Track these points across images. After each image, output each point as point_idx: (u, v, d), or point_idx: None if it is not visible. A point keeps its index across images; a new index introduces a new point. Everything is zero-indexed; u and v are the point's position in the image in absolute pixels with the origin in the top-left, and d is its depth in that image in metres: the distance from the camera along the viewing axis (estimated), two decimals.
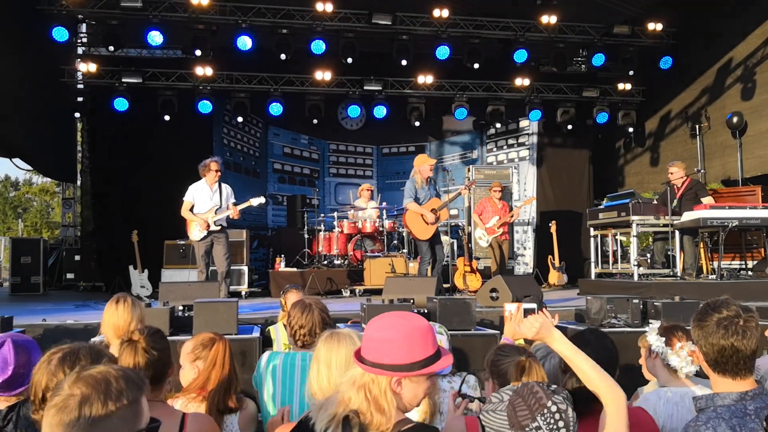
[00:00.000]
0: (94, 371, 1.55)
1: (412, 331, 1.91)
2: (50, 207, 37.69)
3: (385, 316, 1.98)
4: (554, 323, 3.73)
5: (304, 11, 11.80)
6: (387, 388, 1.87)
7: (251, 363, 5.11)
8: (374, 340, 1.92)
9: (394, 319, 1.95)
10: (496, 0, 12.97)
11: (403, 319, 1.94)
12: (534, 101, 13.48)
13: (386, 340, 1.89)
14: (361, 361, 1.92)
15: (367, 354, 1.92)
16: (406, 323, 1.92)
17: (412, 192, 8.69)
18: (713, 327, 2.14)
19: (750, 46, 11.50)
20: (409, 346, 1.89)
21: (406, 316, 1.96)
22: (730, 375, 2.14)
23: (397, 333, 1.90)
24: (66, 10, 11.06)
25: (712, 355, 2.15)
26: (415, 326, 1.92)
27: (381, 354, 1.88)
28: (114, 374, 1.56)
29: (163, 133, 12.56)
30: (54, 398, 1.51)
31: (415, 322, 1.94)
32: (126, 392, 1.53)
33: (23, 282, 12.22)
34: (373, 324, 1.97)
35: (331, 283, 10.86)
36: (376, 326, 1.95)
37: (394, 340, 1.89)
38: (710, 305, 2.22)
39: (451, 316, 5.80)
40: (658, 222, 9.06)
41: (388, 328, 1.92)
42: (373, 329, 1.94)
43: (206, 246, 8.31)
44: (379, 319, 1.98)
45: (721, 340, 2.12)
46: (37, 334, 6.01)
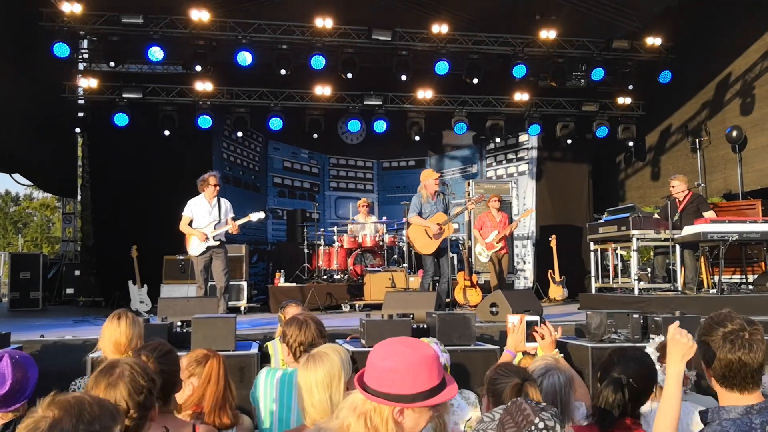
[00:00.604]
0: (70, 396, 1.55)
1: (418, 360, 1.87)
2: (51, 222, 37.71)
3: (390, 343, 1.93)
4: (557, 337, 3.73)
5: (304, 27, 11.86)
6: (389, 417, 1.84)
7: (249, 379, 5.08)
8: (378, 369, 1.87)
9: (400, 346, 1.90)
10: (495, 16, 13.02)
11: (409, 348, 1.89)
12: (533, 116, 13.51)
13: (391, 370, 1.85)
14: (364, 389, 1.88)
15: (370, 381, 1.88)
16: (412, 352, 1.88)
17: (417, 206, 8.68)
18: (719, 342, 2.13)
19: (748, 61, 11.54)
20: (414, 376, 1.85)
21: (412, 344, 1.91)
22: (737, 389, 2.12)
23: (402, 362, 1.86)
24: (67, 27, 11.12)
25: (720, 370, 2.13)
26: (420, 356, 1.88)
27: (384, 383, 1.84)
28: (89, 401, 1.55)
29: (163, 148, 12.58)
30: (26, 420, 1.50)
31: (421, 351, 1.89)
32: (99, 420, 1.52)
33: (22, 297, 12.18)
34: (378, 351, 1.92)
35: (330, 298, 10.83)
36: (381, 354, 1.90)
37: (399, 370, 1.84)
38: (714, 319, 2.21)
39: (451, 331, 5.77)
40: (659, 236, 9.03)
41: (393, 356, 1.87)
42: (378, 357, 1.90)
43: (205, 261, 8.28)
44: (384, 346, 1.93)
45: (728, 355, 2.10)
46: (34, 351, 5.98)
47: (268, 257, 14.24)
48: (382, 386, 1.84)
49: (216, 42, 11.75)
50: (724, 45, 11.95)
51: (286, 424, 3.09)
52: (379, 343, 1.96)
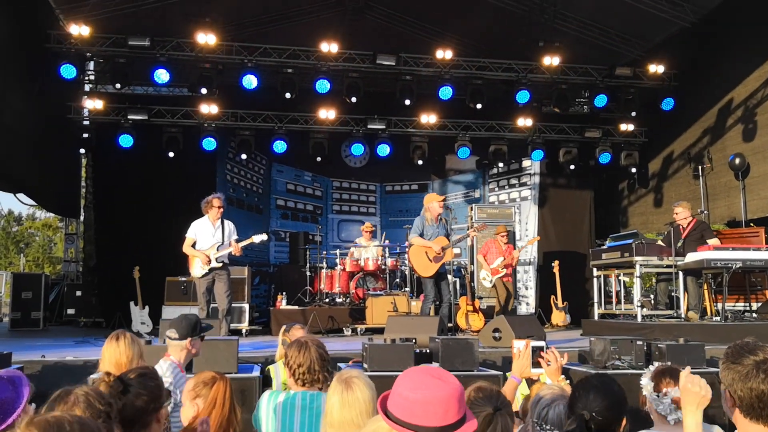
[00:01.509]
0: (49, 415, 1.51)
1: (449, 394, 1.85)
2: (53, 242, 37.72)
3: (419, 373, 1.90)
4: (563, 363, 3.70)
5: (309, 51, 11.96)
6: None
7: (251, 402, 5.05)
8: (408, 400, 1.84)
9: (430, 378, 1.88)
10: (499, 42, 13.13)
11: (439, 380, 1.87)
12: (536, 141, 13.55)
13: (422, 401, 1.82)
14: (390, 418, 1.86)
15: (397, 411, 1.85)
16: (443, 385, 1.86)
17: (419, 228, 8.69)
18: (753, 371, 2.05)
19: (749, 88, 11.60)
20: (445, 409, 1.83)
21: (441, 376, 1.90)
22: (762, 421, 2.05)
23: (434, 395, 1.83)
24: (74, 48, 11.24)
25: (748, 400, 2.05)
26: (451, 389, 1.87)
27: (415, 414, 1.82)
28: (69, 419, 1.51)
29: (167, 169, 12.62)
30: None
31: (451, 384, 1.88)
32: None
33: (23, 317, 12.14)
34: (406, 381, 1.89)
35: (332, 321, 10.79)
36: (411, 384, 1.87)
37: (431, 402, 1.82)
38: (743, 347, 2.13)
39: (454, 356, 5.75)
40: (662, 263, 9.02)
41: (423, 387, 1.85)
42: (408, 387, 1.87)
43: (207, 283, 8.26)
44: (413, 377, 1.90)
45: (761, 385, 2.02)
46: (35, 371, 5.96)
47: (270, 279, 14.21)
48: (412, 418, 1.82)
49: (222, 65, 11.85)
50: (726, 72, 12.02)
51: None
52: (407, 373, 1.93)
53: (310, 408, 3.13)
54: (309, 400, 3.15)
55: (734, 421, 2.16)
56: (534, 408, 2.77)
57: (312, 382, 3.22)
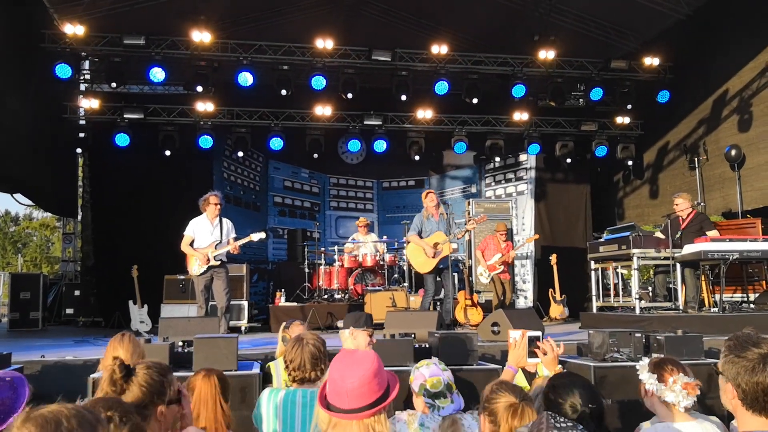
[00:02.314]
0: (46, 410, 1.49)
1: (375, 369, 2.09)
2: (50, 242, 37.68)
3: (340, 367, 2.11)
4: (560, 353, 3.72)
5: (304, 48, 11.95)
6: (384, 419, 2.08)
7: (251, 400, 5.06)
8: (349, 390, 2.05)
9: (351, 367, 2.10)
10: (495, 36, 13.13)
11: (359, 366, 2.09)
12: (533, 135, 13.57)
13: (360, 385, 2.05)
14: (332, 410, 2.07)
15: (349, 403, 2.04)
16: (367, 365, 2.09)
17: (417, 225, 8.77)
18: (759, 364, 2.04)
19: (744, 79, 11.62)
20: (379, 380, 2.09)
21: (357, 360, 2.11)
22: (765, 413, 2.05)
23: (364, 375, 2.06)
24: (69, 48, 11.22)
25: (753, 393, 2.04)
26: (372, 363, 2.10)
27: (363, 396, 2.04)
28: (66, 414, 1.49)
29: (164, 168, 12.62)
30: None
31: (369, 360, 2.11)
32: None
33: (22, 318, 12.13)
34: (337, 376, 2.09)
35: (331, 317, 10.80)
36: (341, 377, 2.08)
37: (365, 381, 2.06)
38: (746, 340, 2.12)
39: (453, 350, 5.75)
40: (659, 255, 9.03)
41: (352, 374, 2.06)
42: (341, 381, 2.07)
43: (206, 281, 8.27)
44: (339, 371, 2.10)
45: (767, 379, 2.02)
46: (35, 371, 5.96)
47: (269, 276, 14.22)
48: (362, 400, 2.03)
49: (217, 63, 11.84)
50: (721, 64, 12.03)
51: None
52: (331, 373, 2.14)
53: (311, 405, 3.13)
54: (309, 397, 3.16)
55: (734, 413, 2.16)
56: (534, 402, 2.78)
57: (302, 380, 3.23)
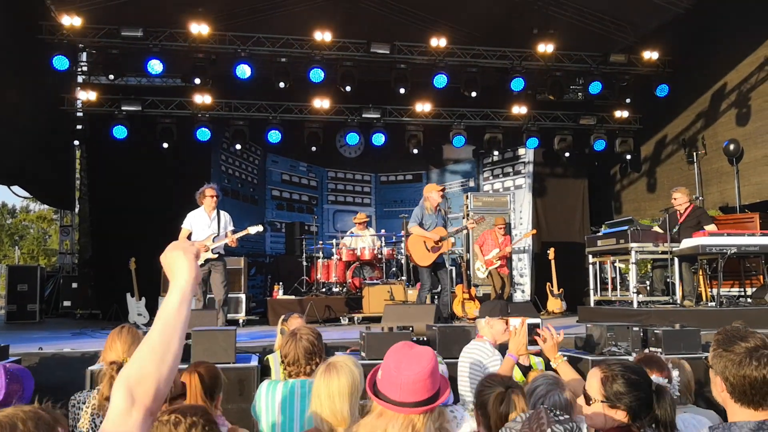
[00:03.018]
0: (1, 415, 1.47)
1: (432, 366, 2.05)
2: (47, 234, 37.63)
3: (398, 357, 2.05)
4: (560, 340, 3.73)
5: (302, 40, 11.91)
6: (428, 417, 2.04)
7: (249, 392, 5.07)
8: (401, 382, 2.01)
9: (410, 357, 2.05)
10: (494, 29, 13.10)
11: (417, 357, 2.05)
12: (531, 129, 13.55)
13: (415, 380, 2.00)
14: (384, 399, 2.02)
15: (398, 395, 2.01)
16: (425, 360, 2.05)
17: (419, 217, 8.72)
18: (745, 358, 2.07)
19: (743, 73, 11.61)
20: (432, 379, 2.04)
21: (420, 354, 2.06)
22: (753, 406, 2.08)
23: (422, 370, 2.02)
24: (67, 39, 11.17)
25: (740, 387, 2.08)
26: (429, 360, 2.06)
27: (416, 392, 2.00)
28: (22, 417, 1.46)
29: (162, 160, 12.59)
30: None
31: (426, 355, 2.06)
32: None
33: (19, 310, 12.12)
34: (392, 364, 2.05)
35: (329, 310, 10.81)
36: (396, 367, 2.03)
37: (421, 378, 2.01)
38: (734, 334, 2.15)
39: (451, 343, 5.76)
40: (657, 249, 9.04)
41: (409, 366, 2.02)
42: (395, 370, 2.03)
43: (203, 274, 8.27)
44: (395, 360, 2.05)
45: (753, 372, 2.05)
46: (33, 363, 5.95)
47: (267, 270, 14.21)
48: (415, 396, 2.00)
49: (215, 55, 11.80)
50: (719, 58, 12.03)
51: None
52: (387, 361, 2.08)
53: (310, 396, 3.14)
54: (308, 388, 3.16)
55: (724, 405, 2.19)
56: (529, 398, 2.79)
57: (297, 374, 3.25)
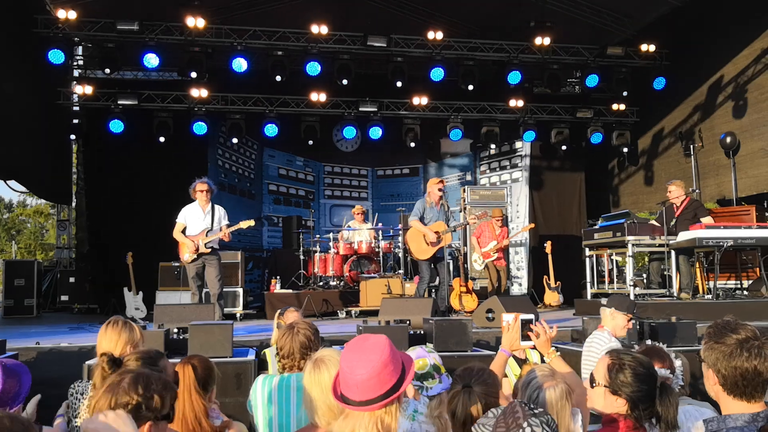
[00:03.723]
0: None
1: (387, 358, 2.00)
2: (44, 229, 37.57)
3: (351, 357, 2.02)
4: (553, 335, 3.73)
5: (299, 33, 11.88)
6: (395, 410, 2.01)
7: (246, 386, 5.07)
8: (358, 381, 1.98)
9: (362, 355, 2.01)
10: (490, 22, 13.07)
11: (371, 353, 2.01)
12: (528, 122, 13.54)
13: (370, 377, 1.97)
14: (347, 402, 1.99)
15: (358, 395, 1.98)
16: (377, 355, 2.00)
17: (420, 211, 8.74)
18: (736, 349, 2.08)
19: (739, 66, 11.62)
20: (393, 369, 2.01)
21: (369, 348, 2.02)
22: (745, 398, 2.09)
23: (375, 366, 1.98)
24: (62, 33, 11.13)
25: (732, 378, 2.09)
26: (383, 353, 2.01)
27: (375, 387, 1.97)
28: (1, 415, 1.52)
29: (158, 154, 12.57)
30: None
31: (381, 349, 2.02)
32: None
33: (16, 304, 12.11)
34: (347, 365, 2.01)
35: (326, 304, 10.81)
36: (351, 367, 2.00)
37: (375, 373, 1.97)
38: (725, 326, 2.16)
39: (448, 337, 5.78)
40: (654, 242, 9.06)
41: (363, 365, 1.98)
42: (351, 371, 1.99)
43: (197, 268, 8.26)
44: (348, 361, 2.01)
45: (744, 363, 2.06)
46: (30, 358, 5.96)
47: (264, 264, 14.22)
48: (373, 392, 1.96)
49: (211, 48, 11.77)
50: (716, 50, 12.03)
51: (286, 430, 3.09)
52: (341, 363, 2.05)
53: None
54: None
55: (716, 398, 2.20)
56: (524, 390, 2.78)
57: (291, 367, 3.25)
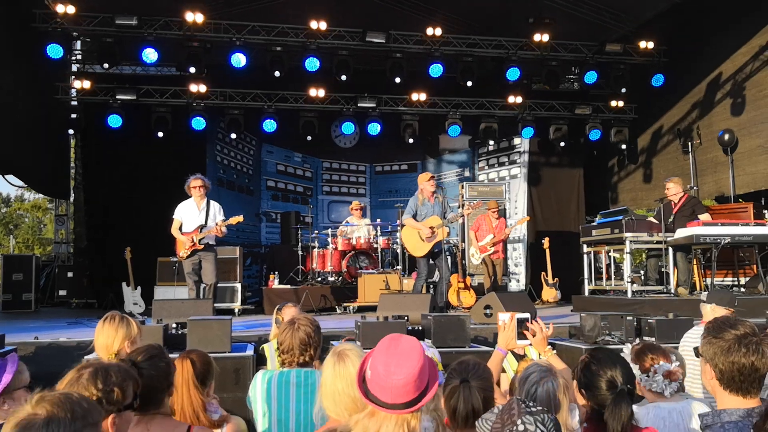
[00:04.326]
0: (58, 393, 1.56)
1: (421, 366, 1.99)
2: (42, 224, 37.53)
3: (387, 360, 2.00)
4: (549, 334, 3.75)
5: (298, 29, 11.87)
6: (419, 415, 2.02)
7: (245, 381, 5.08)
8: (392, 386, 1.96)
9: (400, 360, 1.99)
10: (489, 18, 13.06)
11: (408, 359, 1.99)
12: (527, 119, 13.55)
13: (405, 383, 1.96)
14: (375, 402, 1.98)
15: (389, 397, 1.97)
16: (414, 361, 1.99)
17: (413, 209, 8.75)
18: (734, 345, 2.10)
19: (738, 63, 11.63)
20: (422, 378, 2.00)
21: (409, 353, 2.00)
22: (741, 393, 2.12)
23: (410, 373, 1.96)
24: (61, 28, 11.10)
25: (729, 373, 2.12)
26: (418, 359, 2.00)
27: (403, 393, 1.96)
28: (77, 397, 1.57)
29: (157, 149, 12.56)
30: (17, 416, 1.50)
31: (416, 355, 2.00)
32: (90, 414, 1.55)
33: (15, 299, 12.11)
34: (381, 368, 1.99)
35: (324, 299, 10.83)
36: (386, 370, 1.98)
37: (410, 381, 1.96)
38: (724, 322, 2.19)
39: (446, 333, 5.79)
40: (652, 239, 9.08)
41: (399, 370, 1.97)
42: (385, 373, 1.98)
43: (193, 264, 8.27)
44: (384, 364, 1.99)
45: (742, 359, 2.09)
46: (29, 352, 5.97)
47: (262, 260, 14.22)
48: (405, 397, 1.96)
49: (210, 43, 11.74)
50: (715, 47, 12.04)
51: (285, 425, 3.10)
52: (375, 363, 2.02)
53: (305, 385, 3.16)
54: (303, 377, 3.18)
55: (713, 393, 2.23)
56: (522, 385, 2.79)
57: (290, 363, 3.25)
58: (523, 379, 2.82)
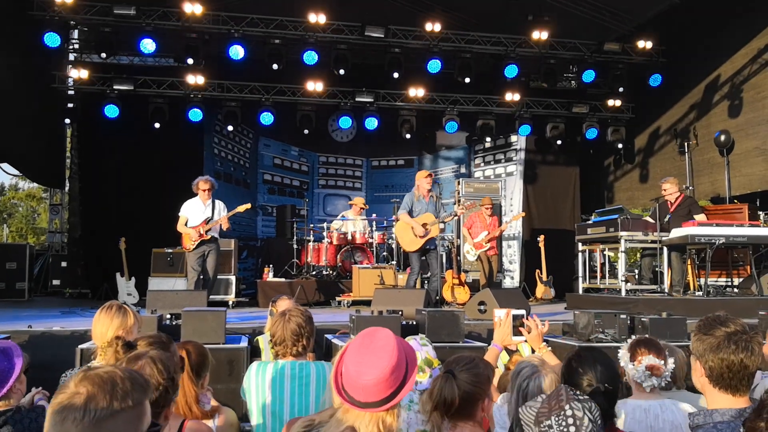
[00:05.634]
0: (101, 371, 1.56)
1: (396, 362, 1.95)
2: (36, 213, 37.41)
3: (359, 360, 1.96)
4: (544, 330, 3.76)
5: (296, 22, 11.84)
6: (397, 411, 1.98)
7: (238, 373, 5.09)
8: (363, 386, 1.94)
9: (372, 359, 1.95)
10: (488, 15, 13.05)
11: (380, 358, 1.95)
12: (524, 116, 13.55)
13: (377, 382, 1.92)
14: (352, 401, 1.95)
15: (363, 396, 1.94)
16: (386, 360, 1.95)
17: (408, 204, 8.82)
18: (723, 342, 2.11)
19: (736, 65, 11.65)
20: (397, 372, 1.96)
21: (379, 351, 1.97)
22: (731, 391, 2.12)
23: (382, 370, 1.93)
24: (58, 16, 11.05)
25: (718, 370, 2.12)
26: (391, 357, 1.95)
27: (376, 391, 1.93)
28: (120, 375, 1.56)
29: (153, 141, 12.52)
30: (59, 395, 1.51)
31: (389, 353, 1.96)
32: (131, 393, 1.54)
33: (8, 288, 12.07)
34: (352, 368, 1.96)
35: (319, 293, 10.85)
36: (357, 371, 1.95)
37: (383, 378, 1.93)
38: (715, 320, 2.19)
39: (440, 328, 5.80)
40: (646, 238, 9.11)
41: (371, 369, 1.93)
42: (356, 374, 1.95)
43: (198, 257, 8.43)
44: (356, 364, 1.96)
45: (731, 356, 2.09)
46: (22, 341, 5.95)
47: (258, 253, 14.21)
48: (377, 395, 1.93)
49: (208, 35, 11.72)
50: (713, 49, 12.05)
51: (279, 417, 3.11)
52: (346, 363, 1.99)
53: (300, 377, 3.16)
54: (298, 369, 3.19)
55: (702, 390, 2.24)
56: (514, 380, 2.81)
57: (284, 354, 3.26)
58: (515, 374, 2.84)
